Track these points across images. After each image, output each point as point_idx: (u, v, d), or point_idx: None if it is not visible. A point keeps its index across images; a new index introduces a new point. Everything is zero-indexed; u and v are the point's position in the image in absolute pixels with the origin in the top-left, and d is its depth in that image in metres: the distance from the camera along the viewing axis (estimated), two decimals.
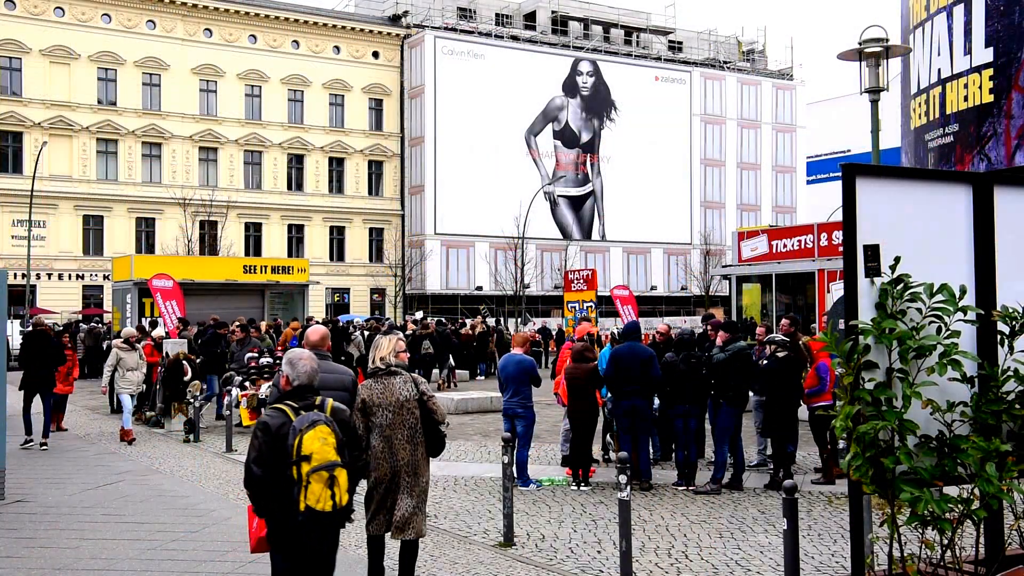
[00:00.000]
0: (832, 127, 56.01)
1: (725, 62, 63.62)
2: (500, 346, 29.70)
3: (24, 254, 39.81)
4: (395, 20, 54.04)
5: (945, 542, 4.84)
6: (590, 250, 56.61)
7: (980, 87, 14.69)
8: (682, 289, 59.41)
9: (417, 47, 52.87)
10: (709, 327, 13.05)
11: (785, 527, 5.84)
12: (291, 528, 4.61)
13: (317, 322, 21.74)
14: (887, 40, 12.05)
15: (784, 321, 11.95)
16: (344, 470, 4.56)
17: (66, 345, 16.12)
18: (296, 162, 51.41)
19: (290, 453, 4.51)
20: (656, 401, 11.31)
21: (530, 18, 58.60)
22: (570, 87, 56.53)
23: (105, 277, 41.11)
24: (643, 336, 12.34)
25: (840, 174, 4.95)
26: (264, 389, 14.37)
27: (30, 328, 16.29)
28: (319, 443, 4.48)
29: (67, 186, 44.85)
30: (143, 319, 24.21)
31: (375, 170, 53.74)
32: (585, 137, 57.03)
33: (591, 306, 24.85)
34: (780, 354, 10.66)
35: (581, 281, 26.18)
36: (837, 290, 17.07)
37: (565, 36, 58.00)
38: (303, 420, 4.59)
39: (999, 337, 5.13)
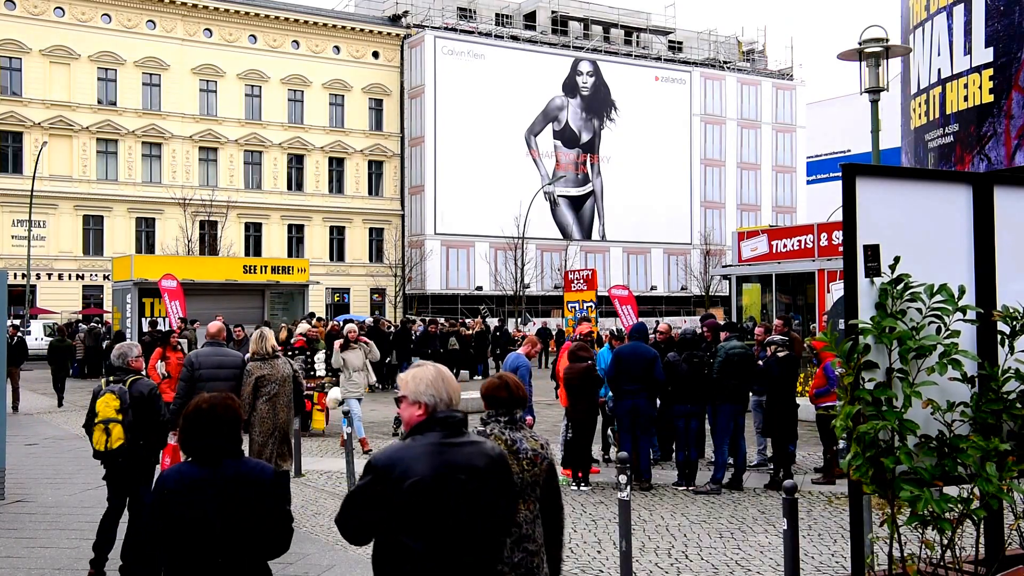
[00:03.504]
0: (832, 127, 55.92)
1: (725, 62, 63.61)
2: (496, 344, 29.83)
3: (24, 254, 39.80)
4: (395, 20, 54.04)
5: (945, 542, 4.84)
6: (590, 250, 56.60)
7: (980, 87, 14.69)
8: (682, 289, 59.40)
9: (417, 47, 52.86)
10: (705, 328, 13.07)
11: (785, 527, 5.84)
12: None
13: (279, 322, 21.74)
14: (887, 40, 12.05)
15: (777, 322, 11.94)
16: (119, 425, 6.63)
17: (176, 346, 13.92)
18: (296, 162, 51.41)
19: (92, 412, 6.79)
20: (657, 401, 11.30)
21: (530, 18, 58.59)
22: (570, 87, 56.52)
23: (105, 277, 41.10)
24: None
25: (840, 174, 4.95)
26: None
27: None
28: (103, 406, 6.67)
29: (67, 186, 44.85)
30: (143, 319, 24.25)
31: (375, 170, 53.73)
32: (585, 137, 57.02)
33: (591, 306, 24.81)
34: (780, 354, 10.65)
35: (581, 281, 26.13)
36: (837, 290, 17.06)
37: (565, 36, 57.98)
38: (101, 390, 6.79)
39: (999, 337, 5.13)
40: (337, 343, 13.63)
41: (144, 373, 7.36)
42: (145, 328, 22.33)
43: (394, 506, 3.16)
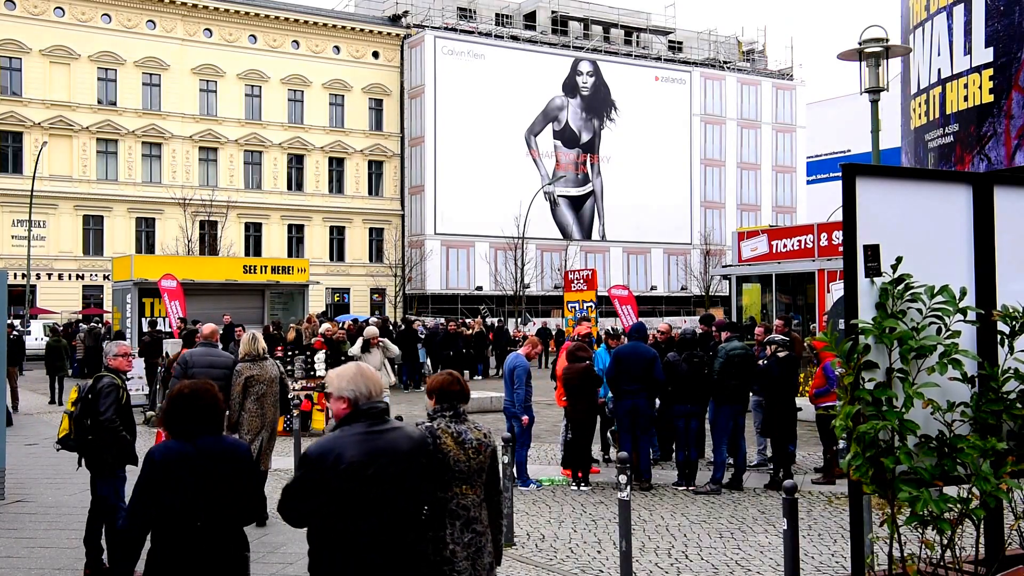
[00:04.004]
0: (832, 127, 55.97)
1: (725, 62, 63.60)
2: (495, 344, 29.83)
3: (24, 254, 39.79)
4: (395, 20, 54.03)
5: (945, 542, 4.84)
6: (590, 250, 56.59)
7: (980, 87, 14.69)
8: (682, 289, 59.39)
9: (417, 47, 52.86)
10: (713, 328, 13.04)
11: (785, 527, 5.84)
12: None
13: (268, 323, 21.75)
14: (887, 40, 12.04)
15: (777, 322, 11.91)
16: (67, 416, 7.20)
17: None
18: (296, 162, 51.41)
19: None
20: (656, 401, 11.29)
21: (530, 18, 58.58)
22: (570, 87, 56.51)
23: (105, 277, 41.10)
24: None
25: (840, 174, 4.95)
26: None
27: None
28: (68, 398, 7.34)
29: (67, 186, 44.84)
30: (143, 319, 24.24)
31: (375, 170, 53.73)
32: (585, 137, 57.02)
33: (591, 306, 24.81)
34: (781, 354, 10.64)
35: (581, 281, 26.14)
36: (837, 290, 17.05)
37: (565, 36, 57.98)
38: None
39: (999, 337, 5.13)
40: (359, 342, 13.47)
41: (124, 374, 7.44)
42: (145, 328, 22.31)
43: (332, 491, 3.53)
